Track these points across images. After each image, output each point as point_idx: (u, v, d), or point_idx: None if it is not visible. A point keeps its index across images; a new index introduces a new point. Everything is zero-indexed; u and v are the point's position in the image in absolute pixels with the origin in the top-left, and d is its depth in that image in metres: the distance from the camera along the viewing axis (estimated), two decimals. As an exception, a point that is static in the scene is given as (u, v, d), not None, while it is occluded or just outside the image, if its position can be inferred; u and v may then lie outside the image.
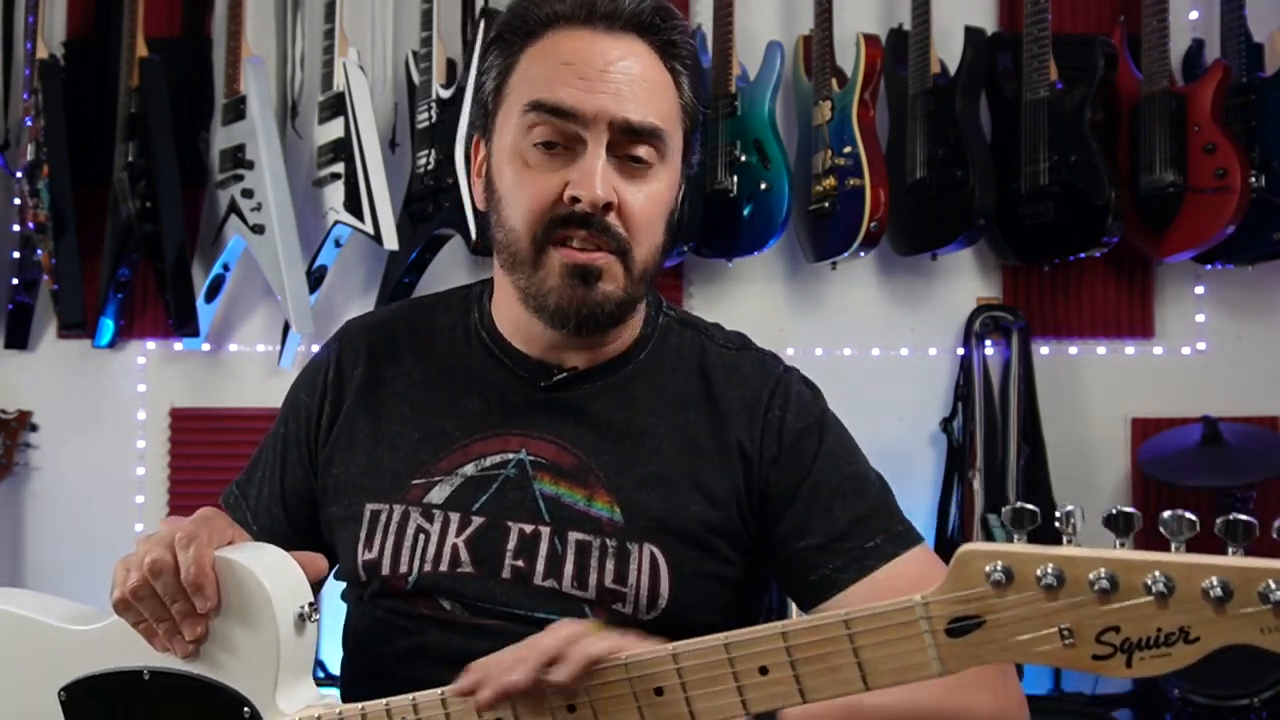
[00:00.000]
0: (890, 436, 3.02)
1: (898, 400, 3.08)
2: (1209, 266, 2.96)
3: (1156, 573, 0.74)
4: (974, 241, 2.94)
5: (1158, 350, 3.10)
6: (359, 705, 1.00)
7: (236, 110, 2.98)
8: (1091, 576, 0.75)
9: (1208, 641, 0.74)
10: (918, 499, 3.01)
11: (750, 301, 3.12)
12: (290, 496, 1.28)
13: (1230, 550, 0.74)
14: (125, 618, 1.05)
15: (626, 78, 1.10)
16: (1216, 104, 2.73)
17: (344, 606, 1.26)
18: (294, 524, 1.27)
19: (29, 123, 3.09)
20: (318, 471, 1.26)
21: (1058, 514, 0.79)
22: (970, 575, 0.79)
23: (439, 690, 0.96)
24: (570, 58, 1.11)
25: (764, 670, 0.85)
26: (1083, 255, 2.86)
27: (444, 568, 1.14)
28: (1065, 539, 0.79)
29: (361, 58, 3.06)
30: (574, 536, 1.12)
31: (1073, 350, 3.11)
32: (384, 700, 0.99)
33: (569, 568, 1.11)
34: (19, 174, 3.11)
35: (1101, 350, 3.11)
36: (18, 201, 3.13)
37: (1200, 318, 3.09)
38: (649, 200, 1.12)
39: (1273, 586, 0.71)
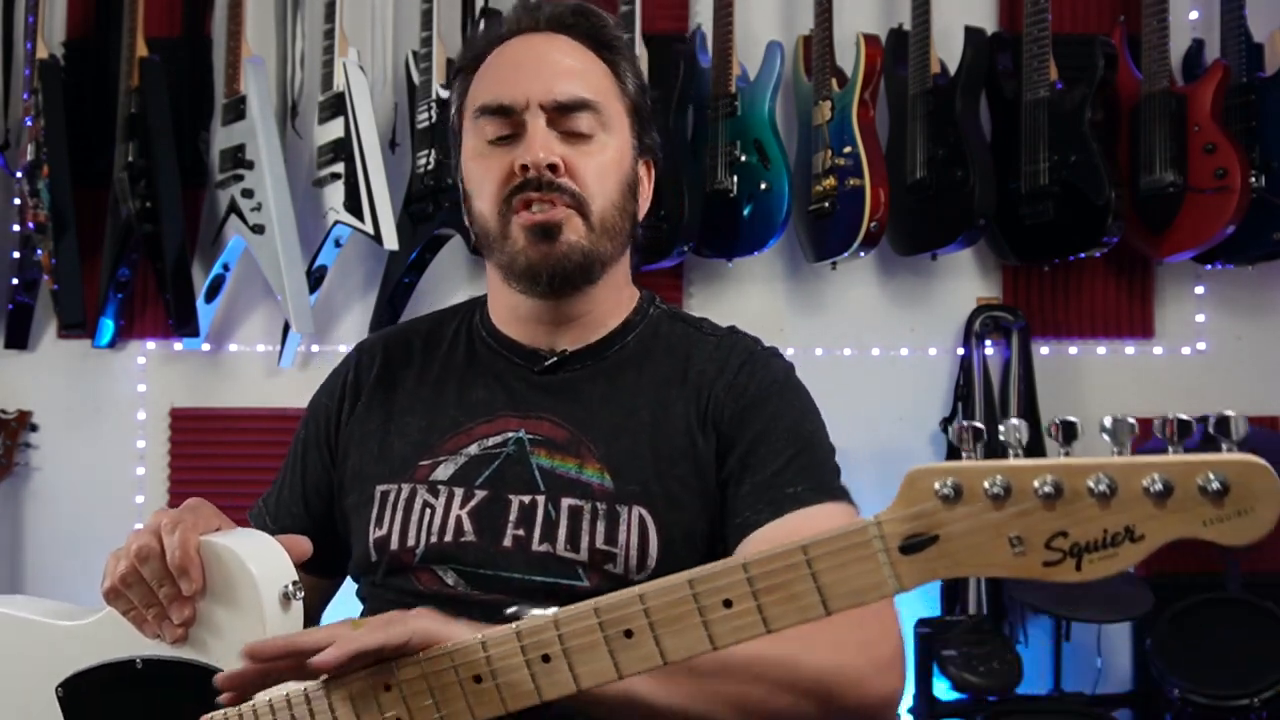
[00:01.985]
0: (890, 436, 3.01)
1: (898, 400, 3.08)
2: (1209, 266, 2.96)
3: (1099, 474, 0.76)
4: (974, 241, 2.94)
5: (1158, 350, 3.10)
6: (319, 682, 1.00)
7: (236, 110, 2.98)
8: (1037, 484, 0.77)
9: (1153, 538, 0.76)
10: (918, 499, 3.00)
11: (750, 301, 3.12)
12: (311, 494, 1.34)
13: (1170, 450, 0.77)
14: (116, 606, 1.09)
15: (553, 61, 1.24)
16: (1216, 104, 2.73)
17: (359, 607, 1.30)
18: (314, 519, 1.33)
19: (29, 123, 3.09)
20: (335, 465, 1.33)
21: (1001, 428, 0.83)
22: (920, 493, 0.81)
23: (418, 654, 0.98)
24: (505, 60, 1.26)
25: (728, 603, 0.87)
26: (1083, 255, 2.86)
27: (449, 538, 1.19)
28: (1011, 453, 0.82)
29: (361, 58, 3.06)
30: (566, 502, 1.18)
31: (1073, 350, 3.11)
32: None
33: (562, 531, 1.17)
34: (19, 174, 3.11)
35: (1101, 350, 3.11)
36: (18, 201, 3.13)
37: (1200, 318, 3.09)
38: (596, 164, 1.22)
39: (1211, 478, 0.74)
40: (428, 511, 1.21)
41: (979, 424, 0.84)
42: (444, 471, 1.23)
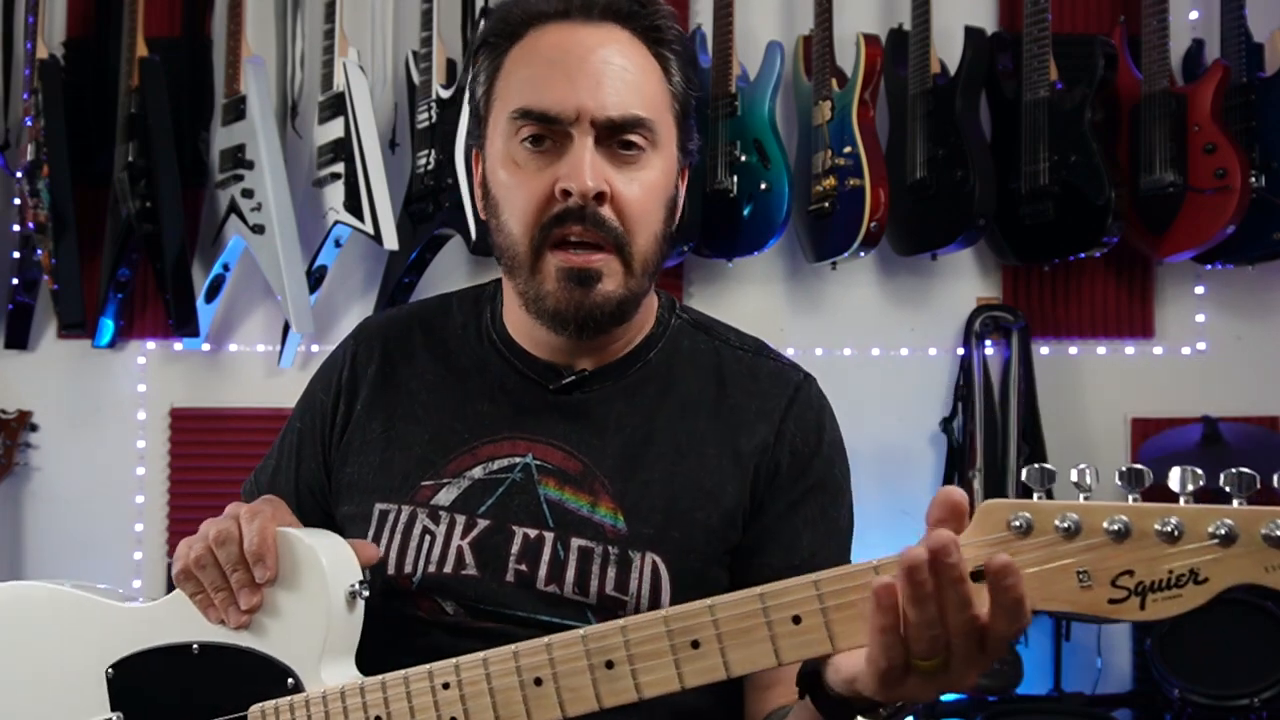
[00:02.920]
0: (890, 436, 3.01)
1: (898, 400, 3.08)
2: (1209, 266, 2.96)
3: (1168, 518, 0.79)
4: (974, 241, 2.94)
5: (1158, 350, 3.10)
6: (402, 672, 1.01)
7: (236, 110, 2.98)
8: (1107, 523, 0.80)
9: (1216, 582, 0.78)
10: (918, 499, 3.00)
11: (750, 301, 3.12)
12: (304, 492, 1.29)
13: (1235, 501, 0.80)
14: (185, 589, 1.09)
15: (607, 67, 1.10)
16: (1216, 104, 2.73)
17: None
18: (306, 518, 1.28)
19: (29, 123, 3.09)
20: (331, 471, 1.27)
21: (1073, 473, 0.85)
22: (994, 524, 0.84)
23: (481, 654, 0.98)
24: (550, 53, 1.11)
25: (797, 620, 0.88)
26: (1083, 255, 2.86)
27: (448, 569, 1.15)
28: (1082, 495, 0.84)
29: (361, 58, 3.06)
30: (577, 543, 1.13)
31: (1073, 350, 3.11)
32: (426, 666, 1.01)
33: (571, 573, 1.12)
34: (19, 174, 3.11)
35: (1101, 350, 3.11)
36: (18, 201, 3.13)
37: (1200, 318, 3.09)
38: (643, 188, 1.11)
39: (1275, 526, 0.76)
40: (427, 538, 1.16)
41: (1050, 466, 0.87)
42: (446, 496, 1.17)
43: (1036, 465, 0.86)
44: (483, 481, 1.17)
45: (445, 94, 2.92)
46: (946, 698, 2.77)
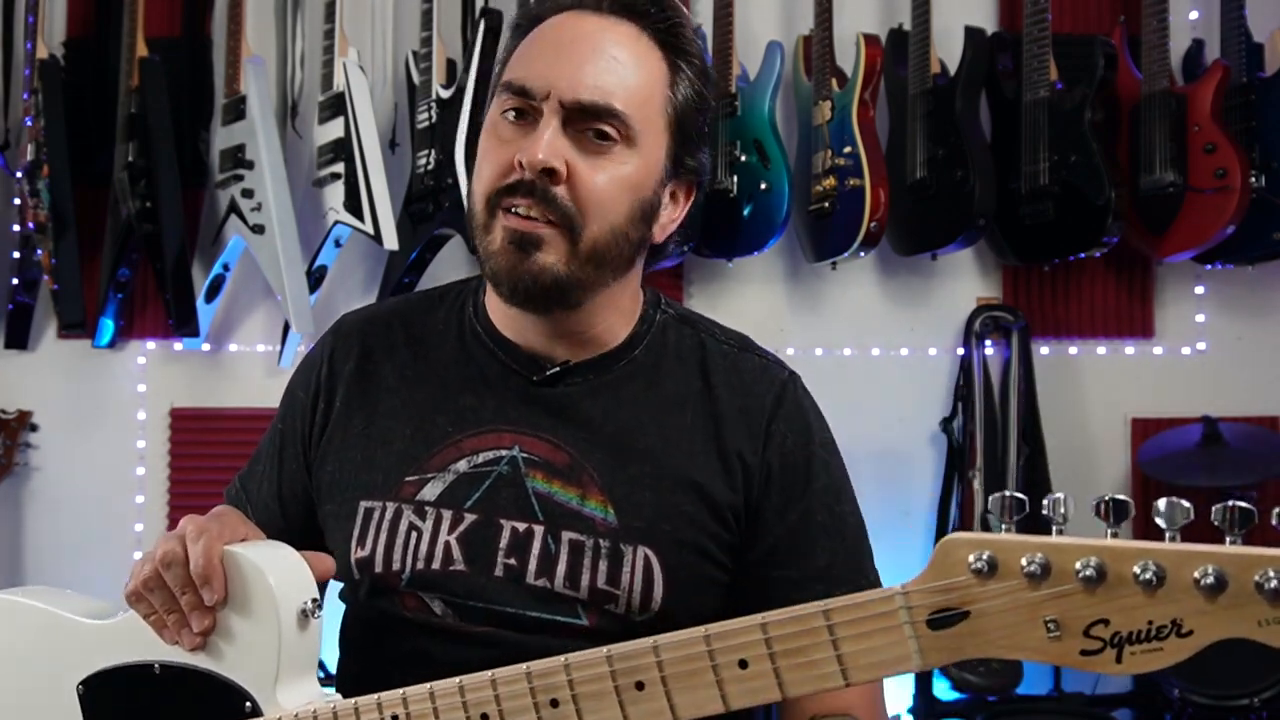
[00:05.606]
0: (890, 436, 3.01)
1: (898, 400, 3.08)
2: (1209, 266, 2.96)
3: (1147, 561, 0.70)
4: (974, 241, 2.94)
5: (1158, 350, 3.10)
6: (352, 700, 1.02)
7: (236, 110, 2.98)
8: (1078, 565, 0.72)
9: (1201, 635, 0.70)
10: (918, 499, 3.01)
11: (750, 301, 3.12)
12: (286, 492, 1.28)
13: (1228, 540, 0.71)
14: (137, 610, 1.07)
15: (596, 54, 1.10)
16: (1216, 104, 2.73)
17: (342, 607, 1.26)
18: (289, 519, 1.27)
19: (29, 123, 3.09)
20: (312, 470, 1.25)
21: (1045, 502, 0.77)
22: (953, 565, 0.77)
23: (427, 686, 0.98)
24: (550, 35, 1.13)
25: (743, 664, 0.84)
26: (1083, 255, 2.86)
27: (436, 565, 1.13)
28: (1055, 529, 0.76)
29: (361, 58, 3.06)
30: (567, 536, 1.12)
31: (1073, 350, 3.11)
32: (375, 695, 1.00)
33: (561, 567, 1.11)
34: (19, 174, 3.11)
35: (1101, 350, 3.11)
36: (18, 201, 3.13)
37: (1200, 318, 3.09)
38: (608, 179, 1.09)
39: (1270, 575, 0.67)
40: (414, 535, 1.14)
41: (1020, 495, 0.78)
42: (431, 491, 1.15)
43: (1007, 493, 0.78)
44: (468, 475, 1.15)
45: (445, 94, 2.92)
46: (946, 697, 2.77)
